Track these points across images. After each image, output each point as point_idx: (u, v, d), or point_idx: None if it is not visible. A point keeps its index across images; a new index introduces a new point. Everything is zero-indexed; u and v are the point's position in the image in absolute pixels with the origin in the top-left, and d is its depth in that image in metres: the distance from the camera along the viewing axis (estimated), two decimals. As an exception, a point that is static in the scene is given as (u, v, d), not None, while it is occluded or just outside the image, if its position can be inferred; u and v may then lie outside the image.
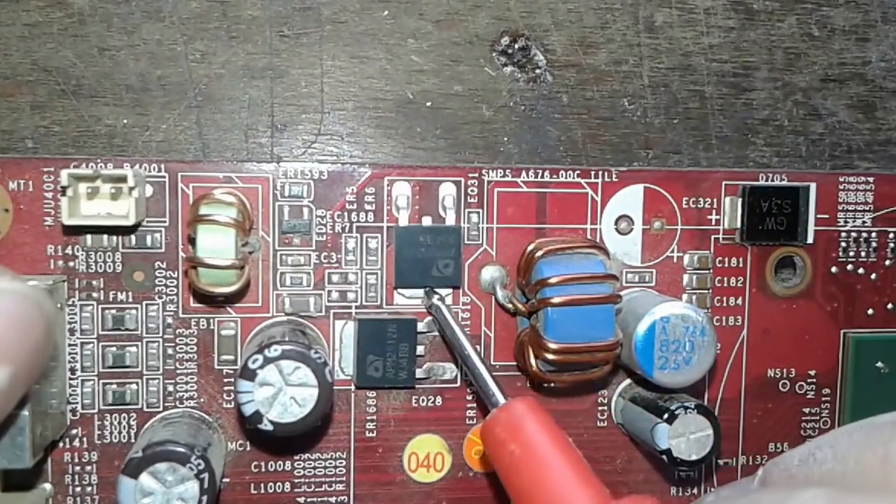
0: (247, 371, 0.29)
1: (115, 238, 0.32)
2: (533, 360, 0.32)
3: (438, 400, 0.35)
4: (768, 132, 0.38)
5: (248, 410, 0.30)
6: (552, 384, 0.34)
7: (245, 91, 0.35)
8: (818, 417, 0.37)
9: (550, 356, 0.31)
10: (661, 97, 0.37)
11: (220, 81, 0.35)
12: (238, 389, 0.29)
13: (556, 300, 0.31)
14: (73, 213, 0.31)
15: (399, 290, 0.34)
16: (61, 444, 0.33)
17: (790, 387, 0.37)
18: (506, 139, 0.36)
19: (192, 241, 0.31)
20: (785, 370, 0.36)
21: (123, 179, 0.31)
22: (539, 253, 0.32)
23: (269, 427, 0.30)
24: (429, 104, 0.36)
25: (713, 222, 0.35)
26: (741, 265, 0.36)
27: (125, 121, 0.35)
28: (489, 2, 0.36)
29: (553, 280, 0.31)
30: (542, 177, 0.34)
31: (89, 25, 0.34)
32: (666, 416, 0.32)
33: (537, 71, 0.36)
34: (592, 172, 0.35)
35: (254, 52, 0.35)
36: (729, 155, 0.38)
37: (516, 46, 0.36)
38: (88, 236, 0.32)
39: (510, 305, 0.33)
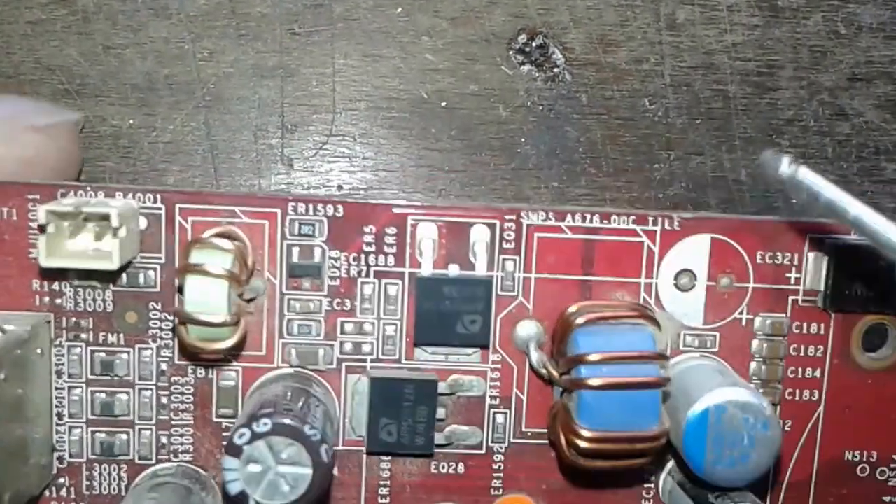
0: (233, 447, 0.26)
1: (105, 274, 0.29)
2: (563, 440, 0.28)
3: (461, 467, 0.31)
4: (793, 133, 0.37)
5: (233, 489, 0.26)
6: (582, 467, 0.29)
7: (255, 91, 0.34)
8: (901, 508, 0.32)
9: (582, 444, 0.27)
10: (682, 97, 0.36)
11: (229, 81, 0.34)
12: (223, 466, 0.26)
13: (593, 382, 0.26)
14: (53, 252, 0.27)
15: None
16: (47, 493, 0.30)
17: (870, 472, 0.32)
18: (523, 140, 0.36)
19: (181, 290, 0.27)
20: (865, 453, 0.31)
21: (107, 218, 0.27)
22: (579, 320, 0.28)
23: (257, 509, 0.26)
24: (444, 104, 0.35)
25: (792, 281, 0.30)
26: (822, 332, 0.30)
27: (131, 121, 0.34)
28: (506, -1, 0.34)
29: (592, 358, 0.27)
30: (591, 221, 0.30)
31: (94, 23, 0.33)
32: (717, 516, 0.28)
33: (555, 70, 0.35)
34: (650, 219, 0.30)
35: (264, 51, 0.34)
36: (753, 156, 0.36)
37: (534, 44, 0.35)
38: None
39: (544, 371, 0.29)
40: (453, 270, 0.29)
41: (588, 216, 0.30)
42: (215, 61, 0.34)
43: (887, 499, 0.32)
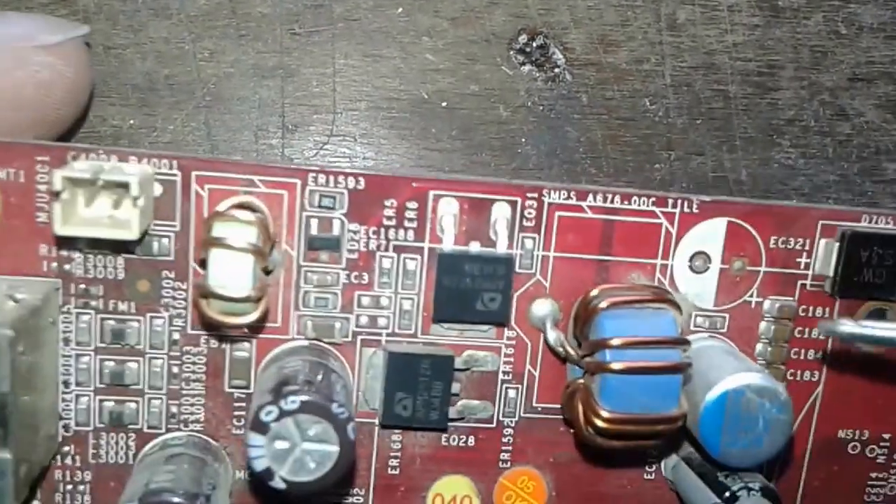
0: (259, 424, 0.26)
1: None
2: (582, 419, 0.28)
3: (471, 440, 0.31)
4: (794, 133, 0.37)
5: (258, 466, 0.26)
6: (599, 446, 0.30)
7: (255, 91, 0.34)
8: (885, 483, 0.33)
9: (602, 424, 0.27)
10: (683, 97, 0.36)
11: (230, 81, 0.34)
12: (248, 443, 0.26)
13: (616, 366, 0.27)
14: (68, 220, 0.26)
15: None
16: (52, 462, 0.29)
17: (860, 449, 0.33)
18: (523, 140, 0.35)
19: (203, 263, 0.27)
20: (857, 432, 0.33)
21: (126, 186, 0.26)
22: (602, 304, 0.28)
23: (282, 485, 0.26)
24: (444, 104, 0.35)
25: (802, 266, 0.31)
26: (827, 315, 0.31)
27: (132, 121, 0.34)
28: (507, -2, 0.34)
29: (616, 342, 0.27)
30: (612, 202, 0.30)
31: (94, 23, 0.33)
32: (727, 494, 0.28)
33: (556, 70, 0.35)
34: (670, 201, 0.30)
35: (264, 51, 0.34)
36: (753, 156, 0.36)
37: (534, 45, 0.35)
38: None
39: (560, 350, 0.29)
40: (474, 247, 0.29)
41: (609, 196, 0.30)
42: (215, 61, 0.34)
43: (874, 475, 0.33)
